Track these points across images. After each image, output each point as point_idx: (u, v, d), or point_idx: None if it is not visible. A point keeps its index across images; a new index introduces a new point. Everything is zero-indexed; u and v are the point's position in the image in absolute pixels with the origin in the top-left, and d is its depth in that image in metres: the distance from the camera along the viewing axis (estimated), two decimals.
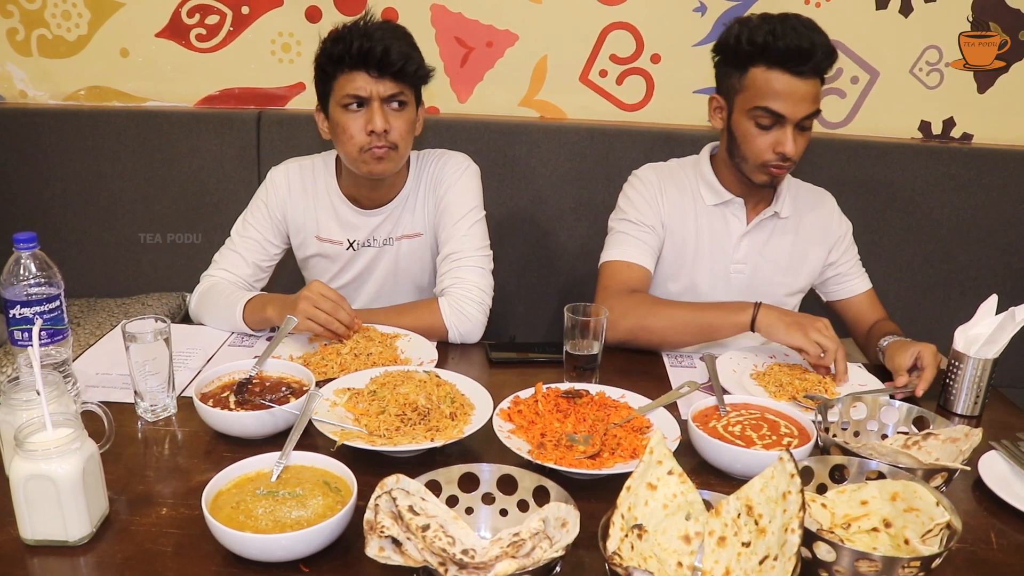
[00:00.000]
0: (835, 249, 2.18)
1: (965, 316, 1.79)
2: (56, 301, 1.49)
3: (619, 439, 1.44)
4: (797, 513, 1.01)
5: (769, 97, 1.89)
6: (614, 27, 2.86)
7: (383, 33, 1.91)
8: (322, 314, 1.79)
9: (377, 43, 1.89)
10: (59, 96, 2.98)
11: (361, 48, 1.89)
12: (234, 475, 1.24)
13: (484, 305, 2.04)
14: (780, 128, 1.91)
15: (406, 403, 1.48)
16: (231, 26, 2.88)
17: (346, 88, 1.94)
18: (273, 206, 2.14)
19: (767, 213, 2.10)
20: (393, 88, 1.94)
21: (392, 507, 1.08)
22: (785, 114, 1.88)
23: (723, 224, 2.12)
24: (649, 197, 2.13)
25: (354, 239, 2.16)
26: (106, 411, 1.33)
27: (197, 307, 2.07)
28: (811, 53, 1.84)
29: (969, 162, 2.82)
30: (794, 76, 1.87)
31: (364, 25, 1.93)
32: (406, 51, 1.94)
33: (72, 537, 1.16)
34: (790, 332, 1.79)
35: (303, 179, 2.15)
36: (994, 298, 1.78)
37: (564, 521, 1.08)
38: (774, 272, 2.14)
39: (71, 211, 2.92)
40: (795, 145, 1.91)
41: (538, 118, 2.97)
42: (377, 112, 1.94)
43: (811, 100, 1.89)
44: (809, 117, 1.91)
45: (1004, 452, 1.50)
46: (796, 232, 2.14)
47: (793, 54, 1.85)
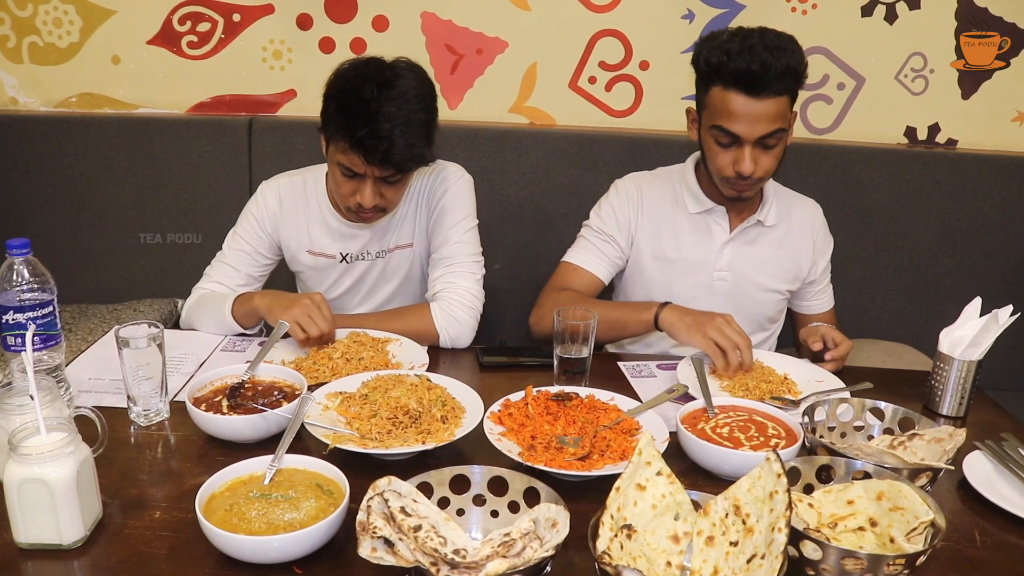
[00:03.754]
0: (818, 263, 2.20)
1: (950, 319, 1.81)
2: (49, 307, 1.49)
3: (608, 441, 1.45)
4: (784, 512, 1.02)
5: (724, 117, 1.90)
6: (603, 34, 2.88)
7: (393, 124, 1.79)
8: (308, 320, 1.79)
9: (381, 140, 1.80)
10: (50, 103, 2.98)
11: (363, 140, 1.81)
12: (227, 478, 1.24)
13: (475, 310, 2.05)
14: (739, 148, 1.92)
15: (397, 407, 1.49)
16: (222, 33, 2.89)
17: (342, 158, 1.88)
18: (264, 220, 2.12)
19: (750, 221, 2.11)
20: (390, 172, 1.88)
21: (384, 508, 1.09)
22: (740, 135, 1.89)
23: (706, 232, 2.14)
24: (619, 209, 2.17)
25: (346, 252, 2.16)
26: (99, 415, 1.34)
27: (188, 316, 2.07)
28: (761, 76, 1.82)
29: (954, 167, 2.85)
30: (749, 97, 1.86)
31: (376, 98, 1.80)
32: (411, 147, 1.84)
33: (66, 541, 1.17)
34: (690, 333, 1.84)
35: (294, 194, 2.14)
36: (978, 301, 1.80)
37: (554, 521, 1.09)
38: (758, 279, 2.16)
39: (62, 218, 2.92)
40: (755, 164, 1.91)
41: (528, 124, 2.98)
42: (368, 188, 1.90)
43: (769, 119, 1.87)
44: (771, 136, 1.89)
45: (988, 452, 1.51)
46: (782, 239, 2.16)
47: (743, 76, 1.84)
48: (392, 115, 1.80)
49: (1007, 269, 2.90)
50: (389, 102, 1.80)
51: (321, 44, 2.89)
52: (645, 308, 1.95)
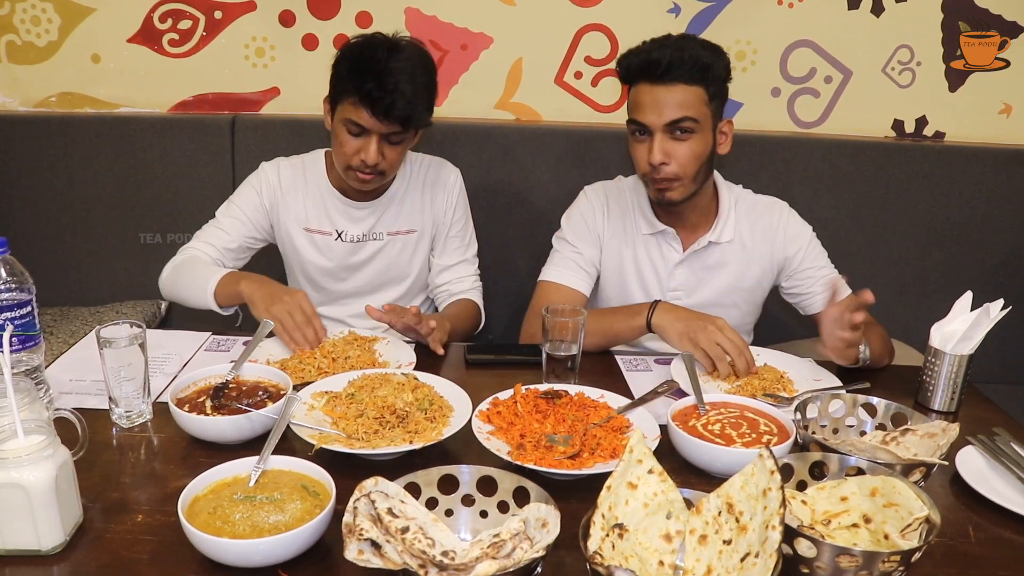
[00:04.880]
0: (793, 258, 2.15)
1: (940, 313, 1.80)
2: (27, 307, 1.46)
3: (599, 439, 1.44)
4: (778, 510, 1.01)
5: (634, 109, 1.96)
6: (588, 29, 2.86)
7: (399, 79, 1.94)
8: (290, 321, 1.83)
9: (387, 94, 1.93)
10: (29, 103, 2.94)
11: (371, 92, 1.93)
12: (211, 480, 1.22)
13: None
14: (650, 139, 1.94)
15: (384, 406, 1.48)
16: (204, 31, 2.86)
17: (350, 114, 1.99)
18: (264, 194, 2.22)
19: (702, 242, 2.11)
20: (394, 128, 1.99)
21: (371, 510, 1.07)
22: (646, 122, 1.92)
23: (658, 252, 2.15)
24: (589, 217, 2.18)
25: (342, 230, 2.23)
26: (79, 418, 1.32)
27: (170, 274, 2.13)
28: (660, 60, 1.88)
29: (942, 160, 2.84)
30: (653, 84, 1.91)
31: (385, 58, 1.95)
32: (414, 104, 1.97)
33: (45, 546, 1.14)
34: (681, 341, 1.83)
35: (293, 173, 2.24)
36: (968, 295, 1.79)
37: (544, 521, 1.07)
38: (713, 298, 2.14)
39: (42, 219, 2.88)
40: (666, 155, 1.92)
41: (514, 120, 2.97)
42: (373, 145, 2.01)
43: (676, 106, 1.90)
44: (679, 123, 1.91)
45: (981, 447, 1.51)
46: (741, 252, 2.14)
47: (645, 66, 1.91)
48: (399, 71, 1.94)
49: (996, 262, 2.90)
50: (396, 61, 1.95)
51: (304, 41, 2.87)
52: (636, 312, 1.93)
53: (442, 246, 2.34)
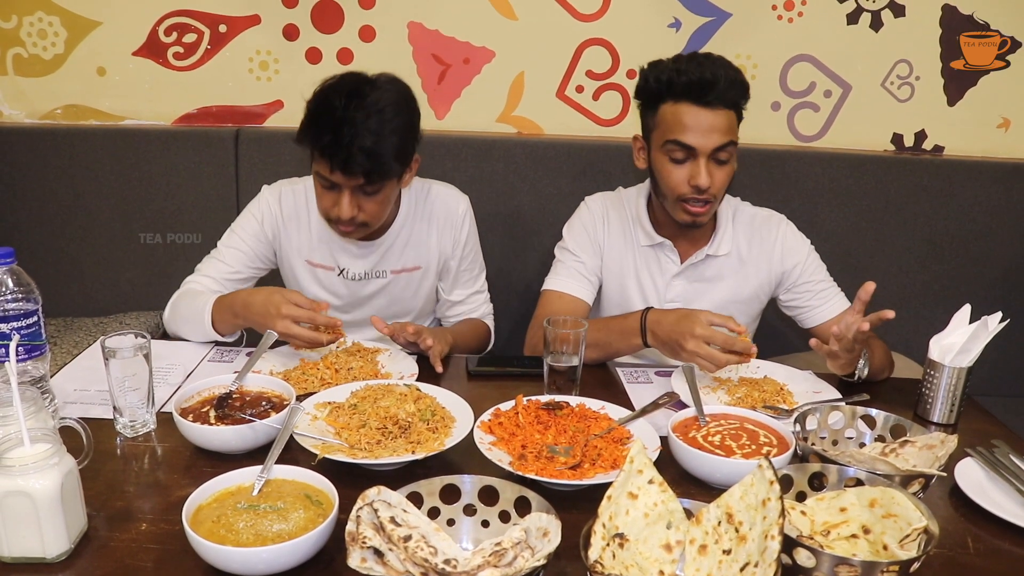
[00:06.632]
0: (791, 272, 2.15)
1: (939, 326, 1.81)
2: (34, 317, 1.48)
3: (600, 450, 1.45)
4: (777, 520, 1.02)
5: (678, 130, 1.92)
6: (590, 43, 2.88)
7: (358, 130, 1.80)
8: (304, 332, 1.76)
9: (343, 148, 1.80)
10: (35, 115, 2.96)
11: (328, 147, 1.82)
12: (215, 489, 1.23)
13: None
14: (693, 161, 1.93)
15: (387, 416, 1.48)
16: (208, 44, 2.88)
17: (318, 166, 1.90)
18: (266, 223, 2.13)
19: (699, 256, 2.12)
20: (359, 181, 1.87)
21: (374, 518, 1.08)
22: (694, 145, 1.91)
23: (656, 264, 2.17)
24: (591, 227, 2.19)
25: (344, 267, 2.17)
26: (84, 426, 1.33)
27: (171, 315, 2.05)
28: (713, 83, 1.87)
29: (941, 173, 2.86)
30: (701, 107, 1.89)
31: (343, 107, 1.82)
32: (377, 156, 1.83)
33: (50, 554, 1.15)
34: (673, 356, 1.81)
35: (295, 202, 2.15)
36: (967, 308, 1.80)
37: (546, 531, 1.08)
38: (711, 308, 2.10)
39: (47, 231, 2.90)
40: (710, 178, 1.92)
41: (515, 134, 2.98)
42: (345, 199, 1.90)
43: (722, 131, 1.90)
44: (723, 148, 1.91)
45: (979, 459, 1.51)
46: (738, 265, 2.15)
47: (696, 86, 1.88)
48: (356, 122, 1.80)
49: (995, 275, 2.91)
50: (357, 110, 1.81)
51: (308, 55, 2.89)
52: (631, 333, 1.90)
53: (452, 280, 2.31)
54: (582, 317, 2.10)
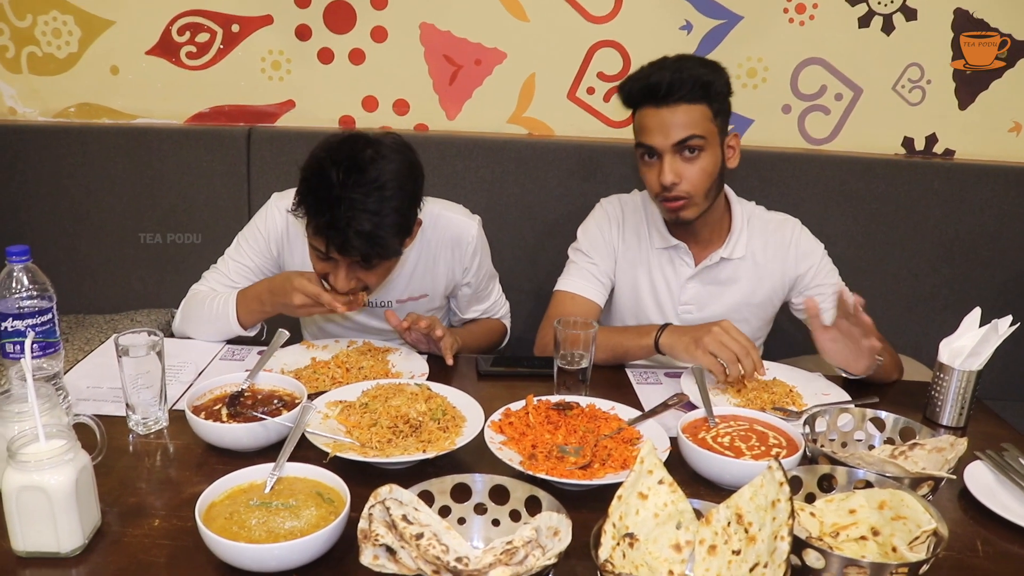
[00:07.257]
0: (804, 275, 2.16)
1: (949, 329, 1.81)
2: (48, 314, 1.49)
3: (610, 450, 1.45)
4: (786, 521, 1.02)
5: (641, 133, 1.98)
6: (601, 45, 2.89)
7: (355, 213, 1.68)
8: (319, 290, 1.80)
9: (340, 232, 1.69)
10: (49, 113, 2.98)
11: (323, 227, 1.71)
12: (227, 486, 1.24)
13: None
14: (659, 161, 1.96)
15: (398, 415, 1.49)
16: (221, 44, 2.90)
17: (311, 237, 1.81)
18: (271, 239, 2.07)
19: (714, 258, 2.13)
20: (361, 259, 1.78)
21: (386, 516, 1.08)
22: (654, 145, 1.95)
23: (670, 266, 2.17)
24: (605, 230, 2.21)
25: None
26: (98, 423, 1.34)
27: (182, 317, 2.05)
28: (660, 85, 1.91)
29: (952, 177, 2.85)
30: (658, 108, 1.93)
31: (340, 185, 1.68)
32: (375, 239, 1.72)
33: (64, 549, 1.16)
34: (688, 351, 1.82)
35: (301, 223, 2.01)
36: (977, 311, 1.80)
37: (556, 530, 1.09)
38: (725, 311, 2.15)
39: (60, 228, 2.91)
40: (676, 174, 1.94)
41: (526, 135, 2.99)
42: (342, 273, 1.81)
43: (682, 126, 1.92)
44: (685, 142, 1.93)
45: (989, 462, 1.51)
46: (752, 269, 2.16)
47: (648, 89, 1.94)
48: (356, 203, 1.68)
49: (1006, 279, 2.90)
50: (356, 188, 1.69)
51: (320, 55, 2.90)
52: (645, 333, 1.94)
53: (466, 303, 2.30)
54: (593, 319, 2.10)
